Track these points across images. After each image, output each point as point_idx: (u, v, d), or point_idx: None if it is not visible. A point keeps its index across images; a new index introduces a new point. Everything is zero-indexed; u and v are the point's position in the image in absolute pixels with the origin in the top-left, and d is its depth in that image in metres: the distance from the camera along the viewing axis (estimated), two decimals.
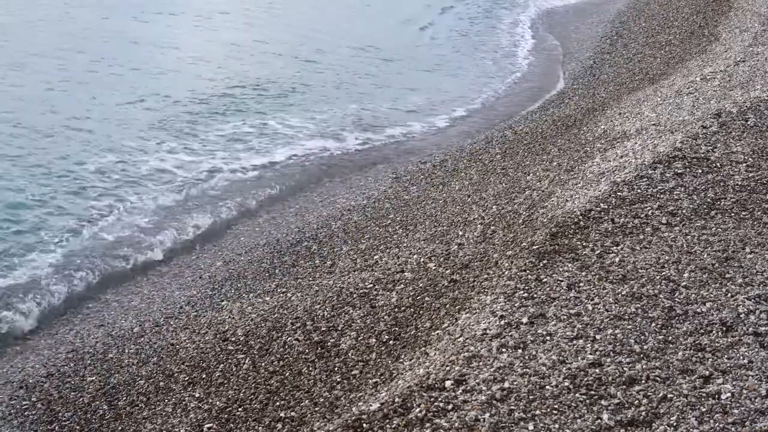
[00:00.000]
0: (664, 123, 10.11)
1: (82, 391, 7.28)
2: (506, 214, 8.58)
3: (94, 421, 6.87)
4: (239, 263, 9.57)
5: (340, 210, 10.80)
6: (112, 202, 11.15)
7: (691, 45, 16.63)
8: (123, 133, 13.63)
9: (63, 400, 7.19)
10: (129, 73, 16.93)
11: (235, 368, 6.98)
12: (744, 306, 5.78)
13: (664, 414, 4.72)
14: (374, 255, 8.77)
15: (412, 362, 5.90)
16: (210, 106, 15.26)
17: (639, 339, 5.41)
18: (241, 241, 10.42)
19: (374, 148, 14.03)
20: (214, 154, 13.13)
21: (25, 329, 8.47)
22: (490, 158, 11.73)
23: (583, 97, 15.06)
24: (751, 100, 10.20)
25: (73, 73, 16.51)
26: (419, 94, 16.93)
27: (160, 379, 7.19)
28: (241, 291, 8.72)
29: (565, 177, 9.12)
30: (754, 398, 4.83)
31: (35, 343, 8.30)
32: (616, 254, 6.56)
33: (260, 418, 6.18)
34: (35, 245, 9.91)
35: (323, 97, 16.29)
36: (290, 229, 10.38)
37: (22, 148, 12.65)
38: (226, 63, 18.23)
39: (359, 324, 7.01)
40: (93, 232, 10.34)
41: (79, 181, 11.76)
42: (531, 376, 5.04)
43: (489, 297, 6.18)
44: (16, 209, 10.72)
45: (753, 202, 7.47)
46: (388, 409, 4.92)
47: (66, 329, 8.53)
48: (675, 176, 7.99)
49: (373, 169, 12.89)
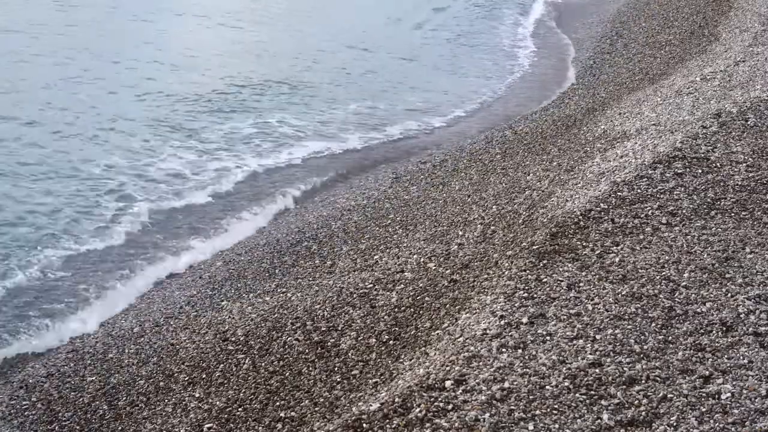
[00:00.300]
0: (664, 123, 10.11)
1: (82, 391, 7.28)
2: (506, 214, 8.58)
3: (94, 421, 6.87)
4: (239, 263, 9.57)
5: (340, 210, 10.80)
6: (119, 205, 11.15)
7: (691, 45, 16.63)
8: (123, 134, 13.62)
9: (63, 400, 7.19)
10: (126, 71, 16.93)
11: (235, 368, 6.98)
12: (744, 306, 5.78)
13: (664, 414, 4.72)
14: (374, 255, 8.77)
15: (412, 362, 5.90)
16: (209, 106, 15.24)
17: (639, 339, 5.41)
18: (241, 241, 10.43)
19: (374, 147, 14.03)
20: (215, 154, 13.12)
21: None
22: (490, 158, 11.73)
23: (583, 97, 15.06)
24: (751, 100, 10.20)
25: (82, 72, 16.53)
26: (419, 94, 16.93)
27: (160, 379, 7.19)
28: (241, 291, 8.72)
29: (565, 177, 9.12)
30: (754, 398, 4.83)
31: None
32: (616, 254, 6.56)
33: (260, 418, 6.18)
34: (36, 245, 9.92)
35: (323, 97, 16.28)
36: (290, 229, 10.38)
37: (41, 147, 12.70)
38: (226, 62, 18.23)
39: (359, 324, 7.01)
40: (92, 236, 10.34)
41: (88, 181, 11.78)
42: (531, 376, 5.04)
43: (489, 297, 6.18)
44: (27, 210, 10.77)
45: (753, 202, 7.47)
46: (388, 409, 4.92)
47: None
48: (675, 176, 7.99)
49: (373, 169, 12.89)
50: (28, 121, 13.73)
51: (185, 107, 15.06)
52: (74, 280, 9.33)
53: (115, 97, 15.36)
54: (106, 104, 14.90)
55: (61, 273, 9.41)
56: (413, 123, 15.24)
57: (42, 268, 9.41)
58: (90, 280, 9.32)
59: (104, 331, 8.32)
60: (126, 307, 8.95)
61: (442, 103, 16.50)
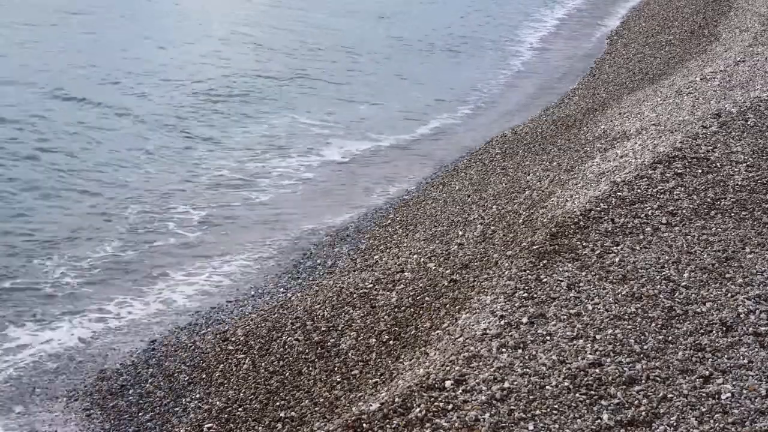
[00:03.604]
0: (664, 123, 10.12)
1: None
2: (506, 214, 8.58)
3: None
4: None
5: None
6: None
7: (691, 45, 16.64)
8: (120, 133, 13.62)
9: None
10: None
11: (235, 368, 6.98)
12: (744, 306, 5.78)
13: (664, 414, 4.72)
14: (374, 255, 8.76)
15: (412, 362, 5.90)
16: (209, 104, 15.23)
17: (639, 339, 5.42)
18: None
19: (374, 147, 14.02)
20: (219, 156, 13.10)
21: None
22: (490, 158, 11.72)
23: (583, 97, 15.06)
24: (751, 100, 10.20)
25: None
26: (419, 93, 16.92)
27: (160, 379, 7.19)
28: (241, 291, 8.72)
29: (565, 177, 9.12)
30: (754, 398, 4.84)
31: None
32: (616, 254, 6.56)
33: (260, 418, 6.18)
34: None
35: (323, 97, 16.27)
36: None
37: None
38: (229, 60, 18.22)
39: (359, 324, 7.01)
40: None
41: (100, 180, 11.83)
42: (531, 376, 5.04)
43: (489, 297, 6.18)
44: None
45: (753, 202, 7.47)
46: (388, 409, 4.92)
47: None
48: (675, 176, 7.99)
49: (374, 170, 12.88)
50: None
51: (184, 108, 15.04)
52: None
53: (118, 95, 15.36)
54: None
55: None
56: (413, 122, 15.25)
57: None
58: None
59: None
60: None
61: (443, 103, 16.48)
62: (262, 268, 9.27)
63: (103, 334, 8.17)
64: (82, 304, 8.76)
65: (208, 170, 12.47)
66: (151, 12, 22.42)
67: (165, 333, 7.90)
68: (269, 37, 20.54)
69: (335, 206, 11.11)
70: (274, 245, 9.91)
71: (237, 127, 14.34)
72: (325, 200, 11.47)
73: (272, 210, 11.28)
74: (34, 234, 9.99)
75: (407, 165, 12.77)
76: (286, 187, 12.10)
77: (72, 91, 14.99)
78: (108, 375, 7.30)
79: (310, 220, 10.64)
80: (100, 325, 8.39)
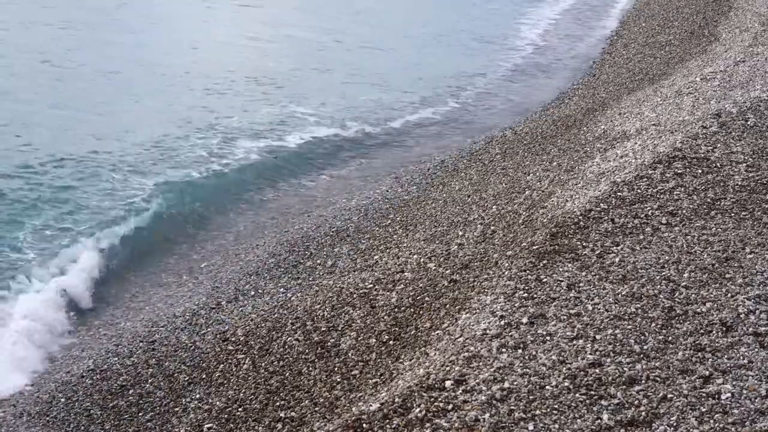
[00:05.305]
0: (664, 123, 10.12)
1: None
2: (506, 214, 8.58)
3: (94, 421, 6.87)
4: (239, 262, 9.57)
5: (340, 210, 10.80)
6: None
7: (691, 45, 16.64)
8: (118, 128, 13.62)
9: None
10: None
11: (235, 368, 6.98)
12: (744, 306, 5.78)
13: (664, 414, 4.72)
14: (374, 255, 8.76)
15: (412, 362, 5.90)
16: (208, 103, 15.26)
17: (639, 339, 5.42)
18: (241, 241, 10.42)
19: (375, 147, 14.03)
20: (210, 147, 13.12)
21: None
22: (490, 158, 11.72)
23: (583, 97, 15.07)
24: (751, 100, 10.20)
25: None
26: (418, 93, 16.93)
27: (160, 379, 7.19)
28: (241, 291, 8.72)
29: (565, 177, 9.12)
30: (754, 398, 4.84)
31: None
32: (616, 254, 6.56)
33: (260, 418, 6.18)
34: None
35: (323, 97, 16.28)
36: (290, 229, 10.38)
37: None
38: (240, 56, 18.32)
39: (359, 324, 7.01)
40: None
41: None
42: (531, 376, 5.04)
43: (489, 297, 6.18)
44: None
45: (753, 202, 7.47)
46: (388, 409, 4.92)
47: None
48: (675, 176, 7.99)
49: (373, 169, 12.88)
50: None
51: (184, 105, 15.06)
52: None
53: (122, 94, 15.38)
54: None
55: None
56: (413, 122, 15.27)
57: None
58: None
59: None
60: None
61: (442, 102, 16.51)
62: (261, 268, 9.26)
63: (103, 334, 8.18)
64: (82, 304, 8.79)
65: (208, 170, 12.49)
66: (151, 13, 22.49)
67: (165, 333, 7.89)
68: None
69: (335, 206, 11.12)
70: (274, 245, 9.92)
71: (237, 126, 14.36)
72: (325, 200, 11.49)
73: (272, 210, 11.30)
74: (34, 234, 10.00)
75: (406, 165, 12.78)
76: (286, 186, 12.12)
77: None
78: (108, 375, 7.31)
79: (310, 219, 10.65)
80: (100, 325, 8.40)
